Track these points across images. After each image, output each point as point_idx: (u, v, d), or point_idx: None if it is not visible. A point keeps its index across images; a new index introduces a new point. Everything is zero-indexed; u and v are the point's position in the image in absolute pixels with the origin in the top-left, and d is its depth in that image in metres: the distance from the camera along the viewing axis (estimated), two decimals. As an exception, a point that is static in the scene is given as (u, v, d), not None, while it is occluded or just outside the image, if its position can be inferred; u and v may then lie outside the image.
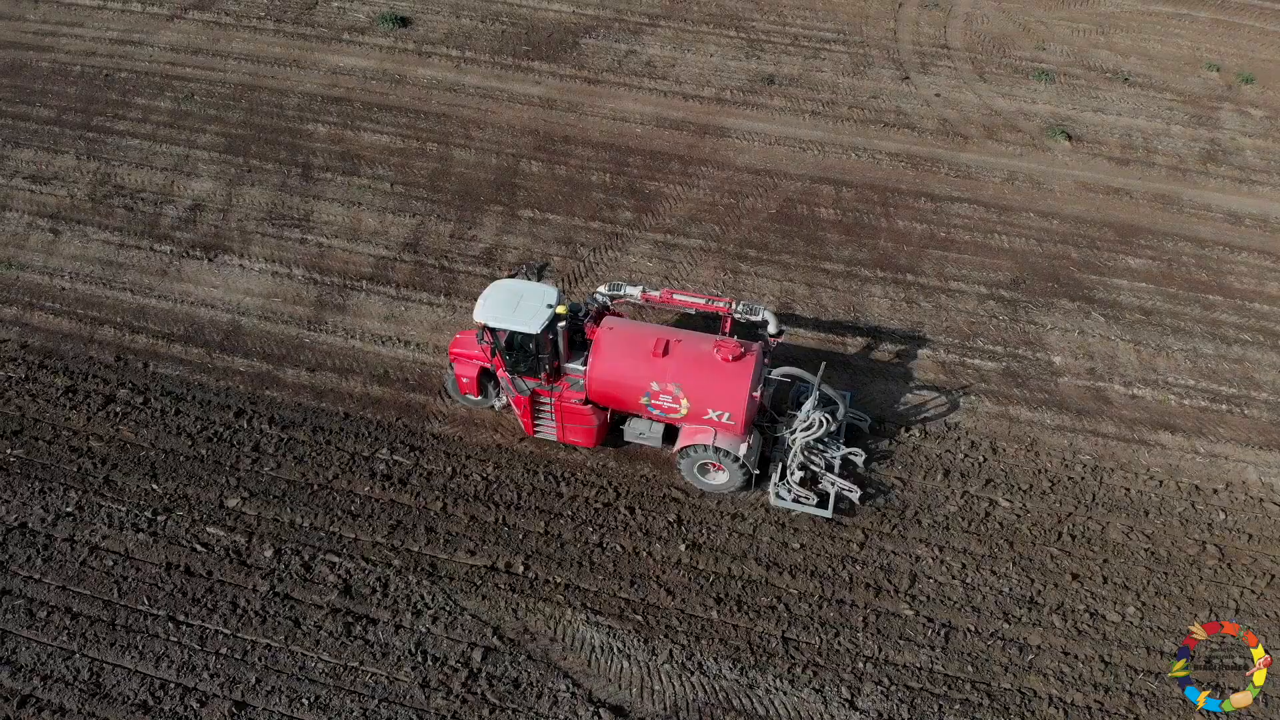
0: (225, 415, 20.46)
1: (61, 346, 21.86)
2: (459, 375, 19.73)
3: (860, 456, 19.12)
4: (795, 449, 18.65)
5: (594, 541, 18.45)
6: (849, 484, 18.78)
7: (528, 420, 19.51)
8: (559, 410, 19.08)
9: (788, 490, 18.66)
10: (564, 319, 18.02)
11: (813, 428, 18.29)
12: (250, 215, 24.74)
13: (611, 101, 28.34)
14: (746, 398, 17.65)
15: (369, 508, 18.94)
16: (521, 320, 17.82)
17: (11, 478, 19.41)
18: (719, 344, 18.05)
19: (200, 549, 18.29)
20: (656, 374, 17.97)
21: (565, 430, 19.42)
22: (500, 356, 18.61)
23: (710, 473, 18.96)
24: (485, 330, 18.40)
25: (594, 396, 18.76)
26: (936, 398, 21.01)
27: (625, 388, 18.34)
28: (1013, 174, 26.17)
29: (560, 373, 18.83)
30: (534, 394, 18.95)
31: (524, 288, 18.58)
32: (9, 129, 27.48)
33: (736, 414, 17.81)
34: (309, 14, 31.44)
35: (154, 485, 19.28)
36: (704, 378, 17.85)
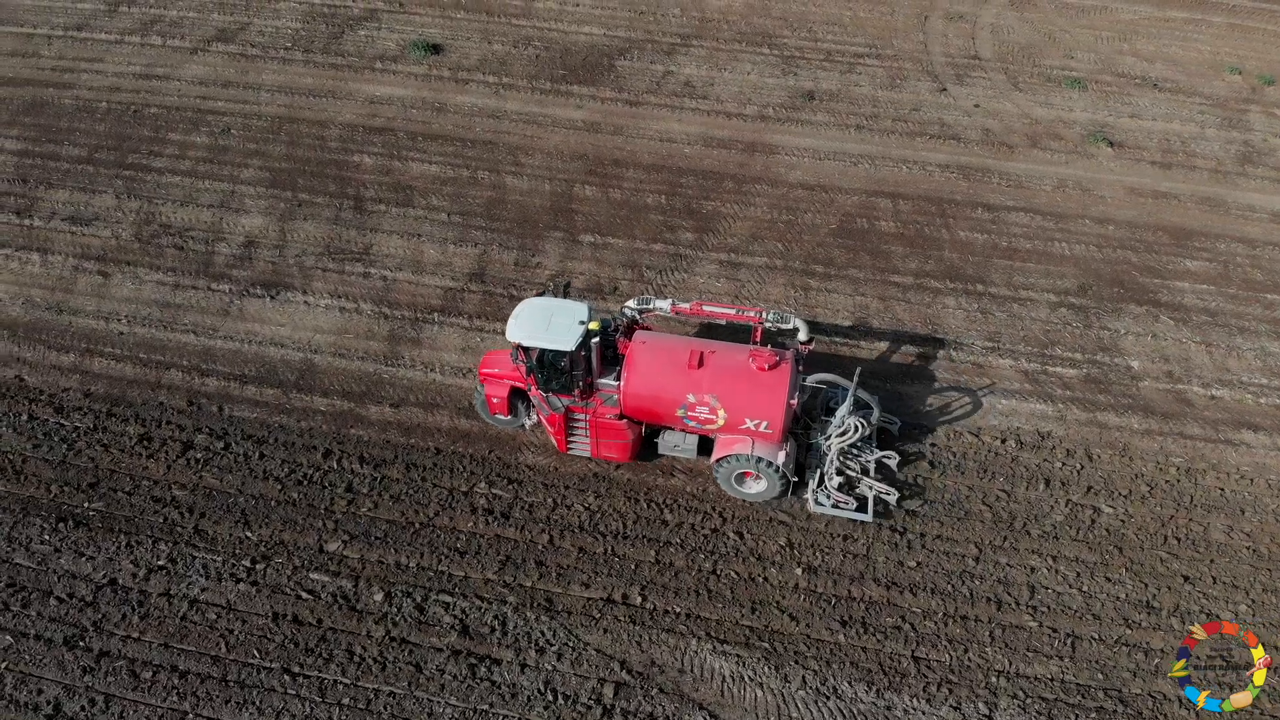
0: (313, 456, 19.90)
1: (128, 393, 21.16)
2: (489, 396, 19.48)
3: (894, 459, 19.22)
4: (831, 454, 18.66)
5: (708, 569, 18.19)
6: (886, 486, 18.82)
7: (561, 438, 19.31)
8: (594, 426, 18.93)
9: (826, 496, 18.70)
10: (596, 335, 17.91)
11: (848, 433, 18.36)
12: (307, 250, 24.21)
13: (655, 123, 28.24)
14: (784, 406, 17.67)
15: (475, 544, 18.51)
16: (555, 338, 17.71)
17: (93, 532, 18.69)
18: (754, 353, 18.08)
19: (306, 596, 17.72)
20: (692, 386, 17.94)
21: (600, 446, 19.28)
22: (533, 375, 18.42)
23: (747, 481, 18.90)
24: (519, 349, 18.25)
25: (629, 411, 18.66)
26: (1023, 406, 21.07)
27: (661, 401, 18.27)
28: (1062, 181, 26.47)
29: (593, 389, 18.68)
30: (568, 411, 18.77)
31: (554, 305, 18.45)
32: (39, 169, 26.68)
33: (775, 422, 17.80)
34: (336, 43, 31.00)
35: (247, 533, 18.68)
36: (741, 387, 17.85)
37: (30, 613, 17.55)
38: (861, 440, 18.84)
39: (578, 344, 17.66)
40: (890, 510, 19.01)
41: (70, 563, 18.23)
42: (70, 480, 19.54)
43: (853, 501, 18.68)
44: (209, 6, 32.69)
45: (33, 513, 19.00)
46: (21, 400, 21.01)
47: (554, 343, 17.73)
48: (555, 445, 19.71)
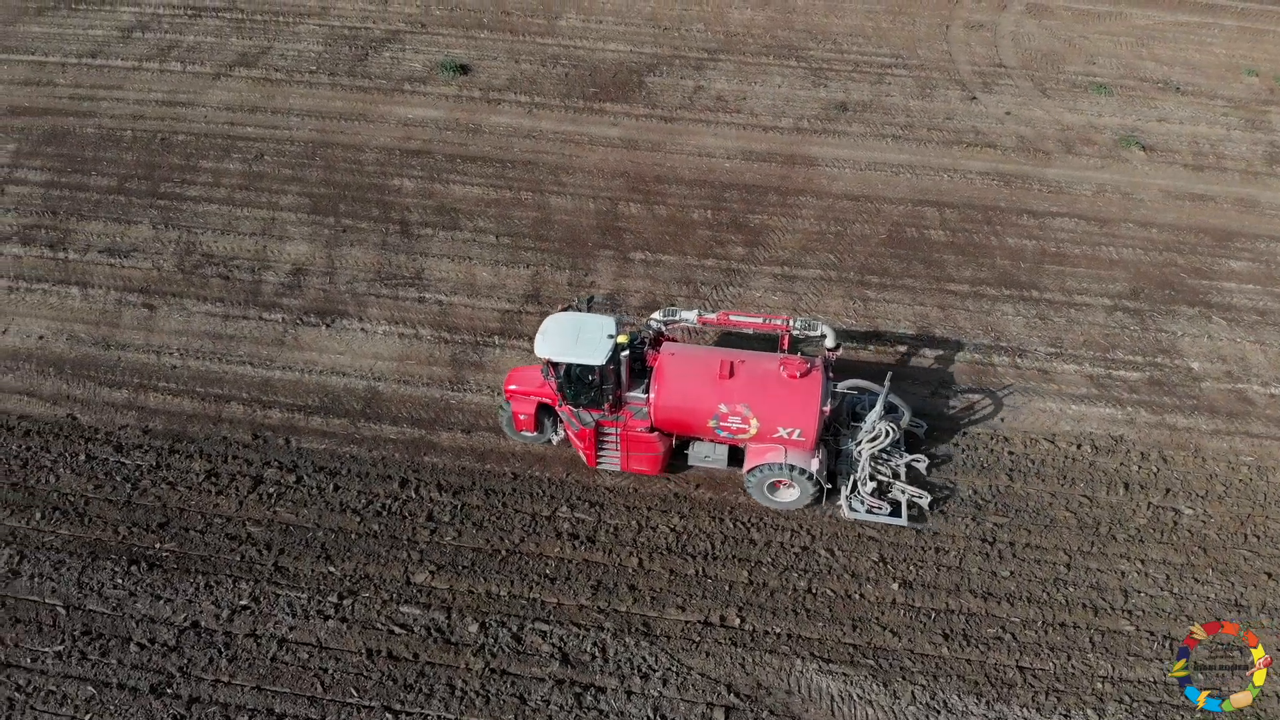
0: (389, 486, 19.51)
1: (189, 428, 20.63)
2: (516, 413, 19.30)
3: (923, 463, 19.29)
4: (863, 460, 18.64)
5: (803, 588, 18.03)
6: (918, 490, 18.83)
7: (591, 452, 19.17)
8: (624, 440, 18.85)
9: (860, 502, 18.69)
10: (625, 348, 17.81)
11: (879, 438, 18.37)
12: (358, 277, 23.82)
13: (692, 138, 28.18)
14: (818, 413, 17.69)
15: (564, 570, 18.21)
16: (585, 352, 17.64)
17: (169, 574, 18.16)
18: (784, 361, 18.08)
19: (399, 631, 17.32)
20: (724, 396, 17.90)
21: (630, 459, 19.18)
22: (563, 390, 18.28)
23: (779, 490, 18.85)
24: (549, 365, 18.12)
25: (660, 423, 18.59)
26: (1093, 411, 21.17)
27: (693, 412, 18.22)
28: (1101, 186, 26.75)
29: (622, 402, 18.57)
30: (598, 425, 18.65)
31: (582, 320, 18.38)
32: (68, 200, 26.06)
33: (808, 430, 17.81)
34: (362, 66, 30.64)
35: (330, 567, 18.24)
36: (773, 396, 17.85)
37: (110, 661, 16.99)
38: (891, 445, 18.84)
39: (607, 358, 17.60)
40: (924, 514, 18.94)
41: (148, 606, 17.69)
42: (138, 521, 18.99)
43: (886, 506, 18.70)
44: (226, 31, 32.20)
45: (102, 556, 18.42)
46: (77, 440, 20.42)
47: (584, 357, 17.69)
48: (585, 460, 19.49)
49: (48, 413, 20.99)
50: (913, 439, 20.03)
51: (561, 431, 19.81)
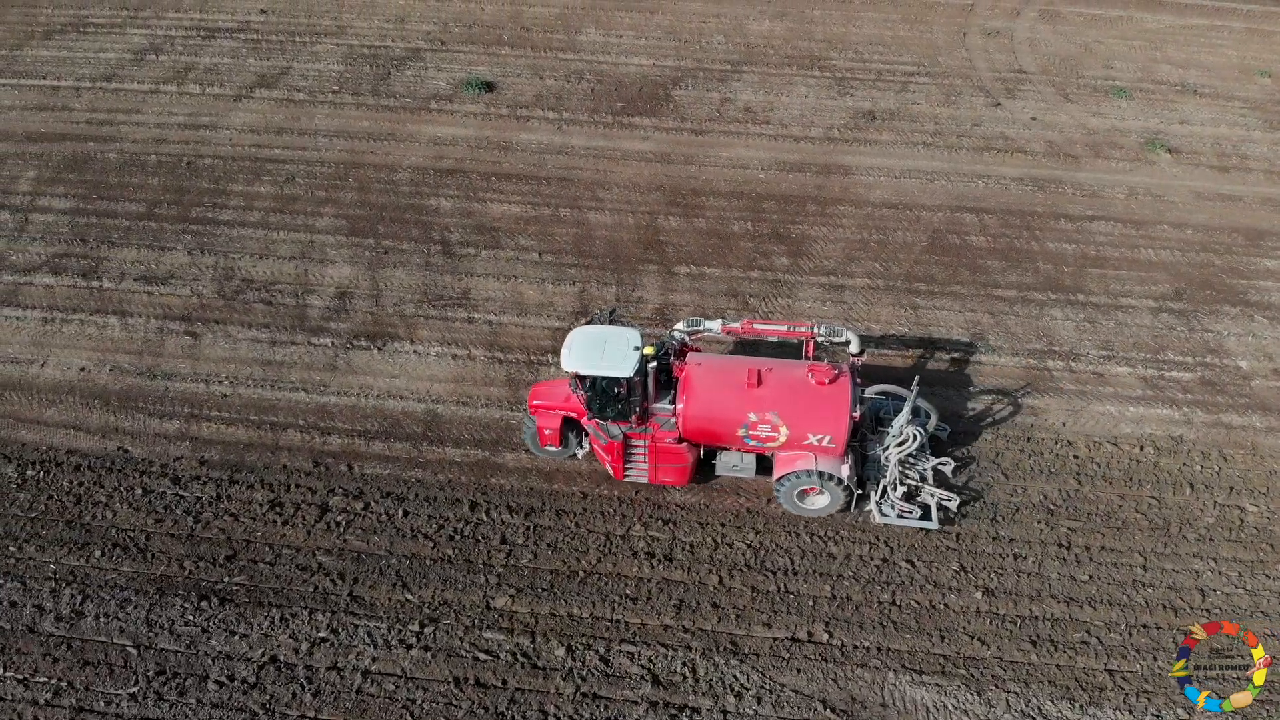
0: (459, 510, 19.24)
1: (246, 458, 20.24)
2: (541, 428, 19.19)
3: (949, 465, 19.33)
4: (892, 464, 18.69)
5: (886, 600, 17.96)
6: (946, 493, 18.87)
7: (618, 465, 19.06)
8: (653, 451, 18.76)
9: (890, 506, 18.69)
10: (652, 359, 17.81)
11: (906, 442, 18.44)
12: (405, 299, 23.54)
13: (725, 150, 28.18)
14: (848, 419, 17.73)
15: (645, 589, 18.03)
16: (612, 365, 17.63)
17: (241, 608, 17.76)
18: (812, 368, 18.13)
19: (484, 657, 17.04)
20: (753, 404, 17.90)
21: (658, 471, 19.09)
22: (590, 403, 18.25)
23: (808, 498, 18.85)
24: (577, 379, 18.06)
25: (688, 434, 18.54)
26: (1150, 412, 21.32)
27: (722, 421, 18.21)
28: (1132, 189, 27.05)
29: (649, 414, 18.54)
30: (626, 438, 18.60)
31: (606, 333, 18.36)
32: (97, 228, 25.57)
33: (838, 436, 17.86)
34: (385, 85, 30.37)
35: (407, 595, 17.92)
36: (802, 403, 17.88)
37: (189, 700, 16.57)
38: (918, 449, 18.85)
39: (635, 370, 17.59)
40: (951, 516, 18.97)
41: (223, 643, 17.28)
42: (204, 554, 18.58)
43: (916, 510, 18.69)
44: (242, 52, 31.82)
45: (169, 592, 18.00)
46: (131, 473, 19.96)
47: (612, 370, 17.67)
48: (611, 473, 19.37)
49: (97, 446, 20.51)
50: (936, 442, 20.00)
51: (587, 445, 19.69)
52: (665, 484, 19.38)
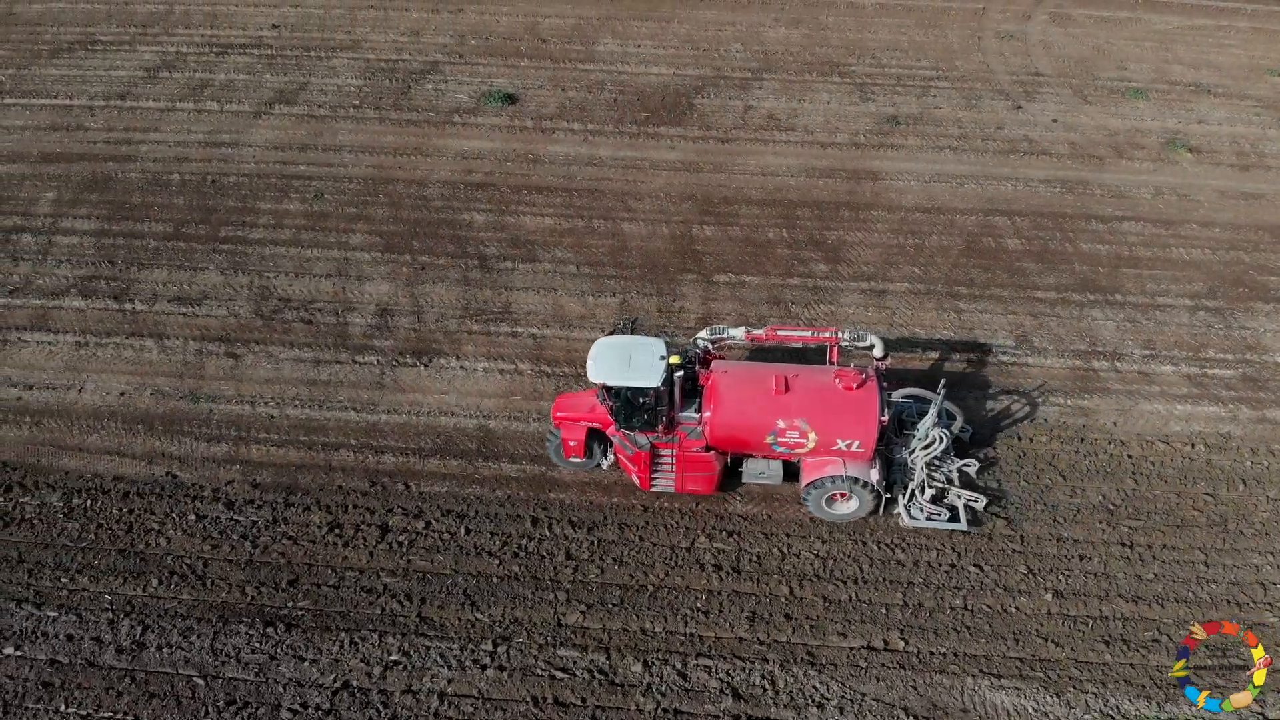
0: (521, 526, 19.06)
1: (299, 479, 19.96)
2: (566, 440, 19.12)
3: (974, 466, 19.43)
4: (919, 467, 18.78)
5: (959, 605, 17.98)
6: (973, 494, 18.96)
7: (645, 475, 19.00)
8: (680, 460, 18.75)
9: (919, 509, 18.76)
10: (679, 368, 17.84)
11: (933, 444, 18.52)
12: (446, 314, 23.33)
13: (752, 158, 28.20)
14: (877, 424, 17.79)
15: (716, 602, 17.93)
16: (639, 375, 17.64)
17: (308, 633, 17.48)
18: (839, 374, 18.17)
19: (561, 675, 16.87)
20: (781, 411, 17.91)
21: (686, 480, 19.05)
22: (617, 414, 18.22)
23: (837, 503, 18.88)
24: (605, 390, 18.03)
25: (715, 442, 18.54)
26: (1198, 410, 21.50)
27: (750, 429, 18.21)
28: (1158, 189, 27.32)
29: (675, 423, 18.53)
30: (653, 447, 18.57)
31: (630, 343, 18.36)
32: (124, 249, 25.17)
33: (867, 441, 17.92)
34: (406, 99, 30.13)
35: (477, 614, 17.72)
36: (830, 409, 17.92)
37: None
38: (943, 451, 18.92)
39: (662, 379, 17.58)
40: (979, 517, 19.01)
41: (292, 669, 17.00)
42: (265, 580, 18.28)
43: (945, 512, 18.78)
44: (257, 68, 31.47)
45: (232, 620, 17.68)
46: (182, 499, 19.62)
47: (639, 380, 17.66)
48: (638, 483, 19.28)
49: (144, 472, 20.15)
50: (958, 444, 20.00)
51: (611, 456, 19.62)
52: (692, 493, 19.28)
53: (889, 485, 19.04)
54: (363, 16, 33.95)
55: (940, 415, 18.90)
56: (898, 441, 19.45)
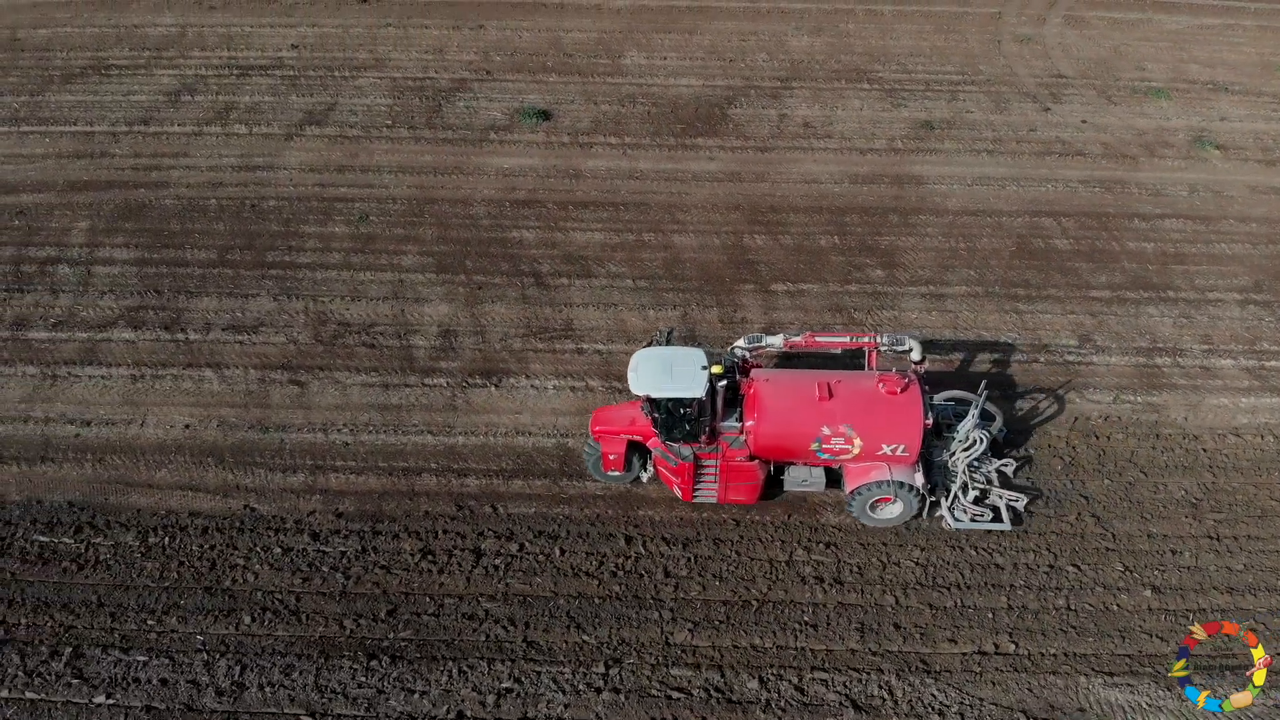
0: (615, 545, 18.88)
1: (384, 507, 19.61)
2: (605, 453, 19.05)
3: (1011, 466, 19.69)
4: (961, 469, 18.97)
5: (1062, 605, 18.09)
6: (1014, 494, 19.16)
7: (688, 487, 18.94)
8: (724, 470, 18.72)
9: (963, 511, 18.92)
10: (721, 378, 17.87)
11: (974, 446, 18.67)
12: (509, 334, 23.09)
13: (793, 166, 28.29)
14: (922, 427, 17.91)
15: (823, 615, 17.87)
16: (683, 386, 17.62)
17: (414, 664, 17.15)
18: (882, 378, 18.22)
19: (677, 695, 16.71)
20: (825, 418, 17.97)
21: (729, 490, 19.02)
22: (660, 426, 18.22)
23: (880, 508, 18.95)
24: (649, 402, 18.01)
25: (759, 450, 18.53)
26: (1262, 403, 21.86)
27: (795, 436, 18.22)
28: (1192, 186, 27.80)
29: (717, 433, 18.54)
30: (696, 458, 18.55)
31: (670, 354, 18.35)
32: (169, 277, 24.63)
33: (912, 445, 18.03)
34: (438, 117, 29.85)
35: (584, 636, 17.50)
36: (875, 414, 17.97)
37: (379, 764, 15.93)
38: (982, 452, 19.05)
39: (707, 389, 17.57)
40: (1020, 515, 19.18)
41: (403, 702, 16.66)
42: (362, 611, 17.91)
43: (988, 513, 18.92)
44: (281, 89, 31.02)
45: (334, 655, 17.30)
46: (264, 532, 19.19)
47: (683, 391, 17.62)
48: (680, 495, 19.20)
49: (221, 506, 19.69)
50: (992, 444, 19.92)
51: (651, 469, 19.55)
52: (735, 502, 19.19)
53: (932, 488, 19.12)
54: (382, 35, 33.60)
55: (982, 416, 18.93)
56: (938, 444, 19.55)
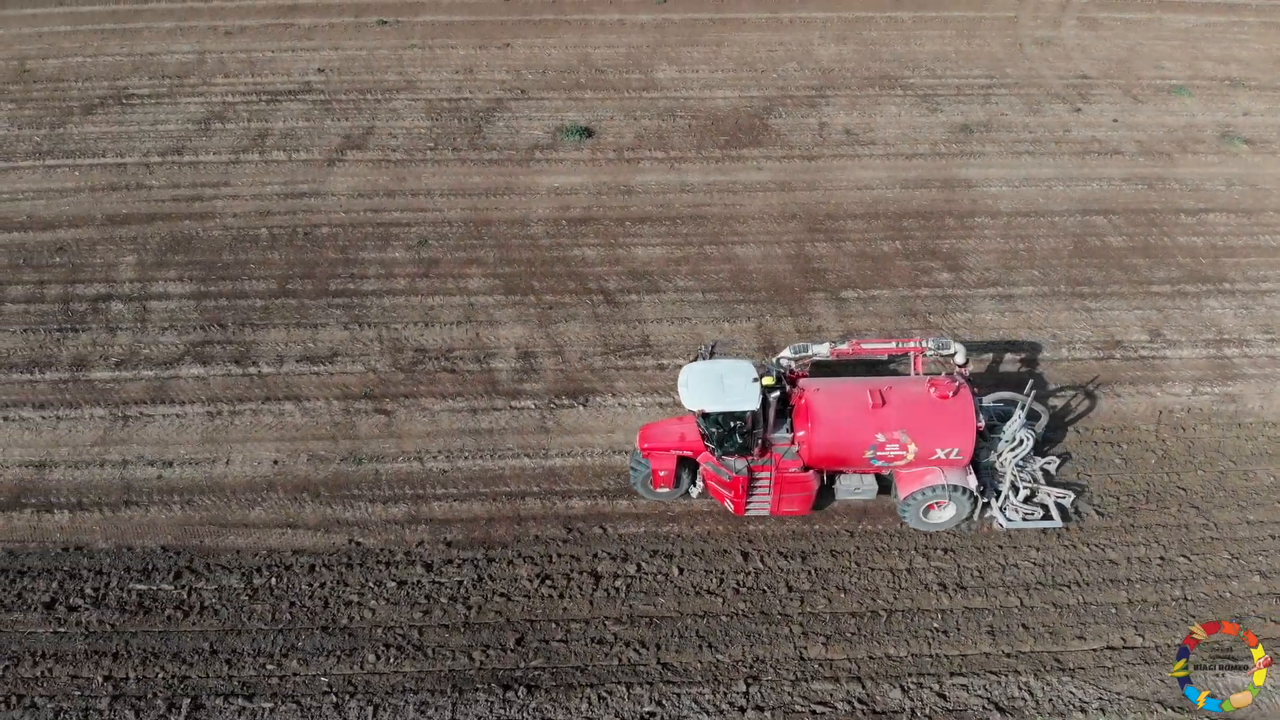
0: (732, 561, 18.79)
1: (493, 533, 19.33)
2: (656, 470, 18.93)
3: (1054, 463, 20.06)
4: (1009, 469, 19.30)
5: (1179, 596, 18.40)
6: (1061, 490, 19.44)
7: (740, 501, 18.90)
8: (778, 482, 18.74)
9: (1015, 510, 19.15)
10: (773, 389, 18.01)
11: (1020, 445, 18.94)
12: (588, 352, 22.91)
13: (842, 173, 28.49)
14: (974, 430, 18.16)
15: (952, 620, 17.94)
16: (737, 399, 17.69)
17: (551, 692, 16.91)
18: (933, 383, 18.41)
19: (821, 709, 16.65)
20: (880, 425, 18.09)
21: (782, 502, 19.05)
22: (714, 440, 18.26)
23: (932, 512, 19.12)
24: (704, 417, 18.07)
25: (814, 460, 18.59)
26: (1332, 388, 22.50)
27: (849, 445, 18.31)
28: (1229, 180, 28.50)
29: (769, 444, 18.65)
30: (750, 471, 18.53)
31: (719, 367, 18.42)
32: (230, 310, 24.09)
33: (966, 448, 18.25)
34: (480, 138, 29.58)
35: (718, 655, 17.38)
36: (929, 419, 18.12)
37: (530, 797, 15.64)
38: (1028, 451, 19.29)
39: (761, 401, 17.65)
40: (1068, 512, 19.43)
41: (546, 732, 16.39)
42: (489, 642, 17.61)
43: (1038, 511, 19.16)
44: (315, 114, 30.53)
45: (467, 688, 16.97)
46: (375, 566, 18.80)
47: (737, 404, 17.67)
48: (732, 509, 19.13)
49: (324, 542, 19.25)
50: None
51: (700, 484, 19.46)
52: (788, 514, 19.21)
53: (982, 489, 19.33)
54: (409, 56, 33.26)
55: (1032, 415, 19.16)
56: (983, 445, 19.75)
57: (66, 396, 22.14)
